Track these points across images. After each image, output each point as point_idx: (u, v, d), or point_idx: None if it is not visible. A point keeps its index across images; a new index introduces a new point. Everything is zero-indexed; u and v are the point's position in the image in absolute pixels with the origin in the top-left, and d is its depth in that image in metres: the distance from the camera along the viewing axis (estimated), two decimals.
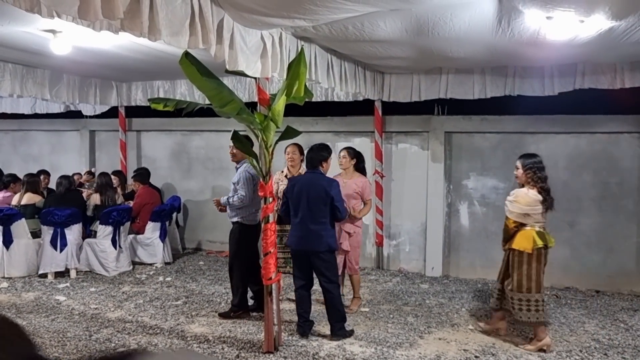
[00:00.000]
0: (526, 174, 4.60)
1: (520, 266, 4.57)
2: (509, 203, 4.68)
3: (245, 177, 5.23)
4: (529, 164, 4.59)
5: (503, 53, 5.21)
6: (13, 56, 6.11)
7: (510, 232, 4.67)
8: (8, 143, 10.55)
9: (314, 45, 5.01)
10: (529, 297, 4.53)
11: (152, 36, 3.11)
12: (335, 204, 4.63)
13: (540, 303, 4.54)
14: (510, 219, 4.64)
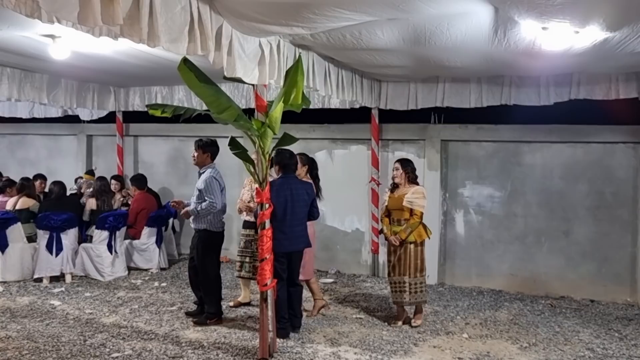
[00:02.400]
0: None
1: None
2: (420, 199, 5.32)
3: (212, 184, 5.15)
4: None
5: (499, 63, 5.26)
6: (11, 60, 6.12)
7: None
8: (5, 147, 10.54)
9: (311, 52, 5.05)
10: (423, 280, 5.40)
11: (151, 42, 3.14)
12: (314, 205, 5.07)
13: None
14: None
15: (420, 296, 5.38)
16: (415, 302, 5.40)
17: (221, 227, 5.35)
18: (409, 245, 5.27)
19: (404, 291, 5.31)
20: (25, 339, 4.81)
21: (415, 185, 5.39)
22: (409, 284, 5.30)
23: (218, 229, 5.30)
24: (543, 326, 5.55)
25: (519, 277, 6.91)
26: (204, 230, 5.24)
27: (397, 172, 5.38)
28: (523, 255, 6.92)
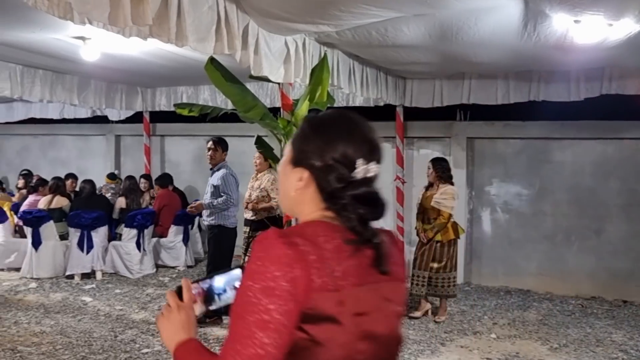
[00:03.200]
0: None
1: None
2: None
3: (230, 180, 5.27)
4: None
5: (528, 57, 5.16)
6: (43, 62, 6.27)
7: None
8: (37, 147, 10.82)
9: (336, 50, 5.04)
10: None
11: (179, 42, 3.17)
12: None
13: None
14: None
15: (448, 290, 5.47)
16: (436, 295, 5.53)
17: (234, 224, 5.38)
18: (435, 244, 5.36)
19: (423, 285, 5.44)
20: (59, 334, 4.93)
21: (447, 185, 5.41)
22: (429, 278, 5.42)
23: (231, 225, 5.35)
24: (574, 327, 5.44)
25: (548, 276, 6.79)
26: (217, 225, 5.29)
27: (429, 171, 5.50)
28: (552, 255, 6.79)
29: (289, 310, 1.05)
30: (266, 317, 1.05)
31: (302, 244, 1.09)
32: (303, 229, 1.17)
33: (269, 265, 1.06)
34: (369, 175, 1.22)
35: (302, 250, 1.08)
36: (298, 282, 1.06)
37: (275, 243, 1.08)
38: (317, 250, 1.10)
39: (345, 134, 1.22)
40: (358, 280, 1.14)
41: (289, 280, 1.05)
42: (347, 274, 1.12)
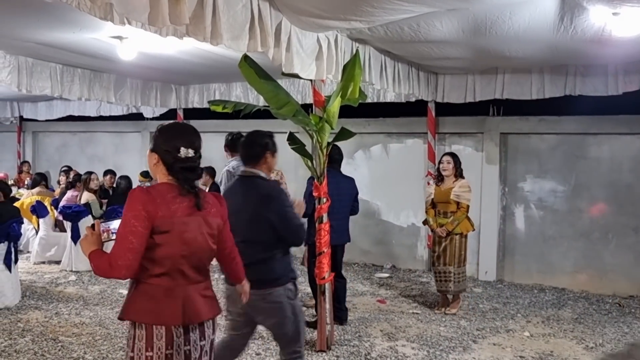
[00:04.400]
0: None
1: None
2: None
3: (226, 177, 4.95)
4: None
5: (564, 51, 5.05)
6: (82, 62, 6.47)
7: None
8: (76, 144, 11.16)
9: (368, 46, 5.04)
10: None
11: (214, 40, 3.23)
12: (356, 200, 5.16)
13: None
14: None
15: (463, 285, 5.64)
16: (458, 291, 5.62)
17: None
18: (455, 237, 5.47)
19: (450, 280, 5.51)
20: (98, 326, 5.09)
21: (461, 179, 5.53)
22: (454, 273, 5.48)
23: None
24: (610, 326, 5.32)
25: (584, 274, 6.65)
26: None
27: (449, 165, 5.54)
28: (588, 252, 6.65)
29: (146, 226, 2.10)
30: (134, 229, 2.09)
31: (153, 193, 2.18)
32: (156, 187, 2.25)
33: (136, 204, 2.12)
34: (189, 156, 2.24)
35: (153, 196, 2.16)
36: (150, 212, 2.12)
37: (139, 193, 2.17)
38: (161, 197, 2.17)
39: (175, 133, 2.30)
40: (185, 213, 2.20)
41: (146, 211, 2.11)
42: (178, 209, 2.19)
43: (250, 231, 2.99)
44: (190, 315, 2.20)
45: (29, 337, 4.75)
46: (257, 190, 3.08)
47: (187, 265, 2.20)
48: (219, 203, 2.40)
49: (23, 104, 10.75)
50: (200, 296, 2.26)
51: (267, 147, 3.15)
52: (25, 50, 5.87)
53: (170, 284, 2.18)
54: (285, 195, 3.19)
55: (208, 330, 2.31)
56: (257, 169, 3.14)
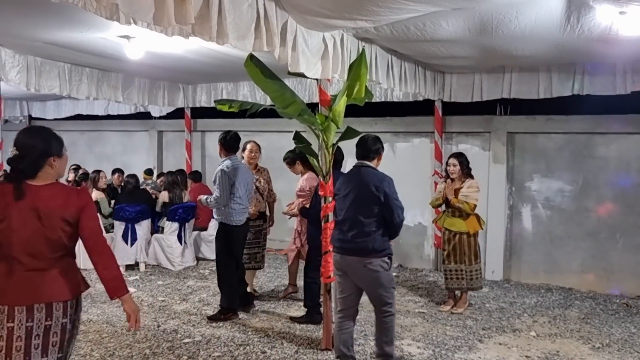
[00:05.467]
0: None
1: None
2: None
3: (220, 176, 5.02)
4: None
5: (571, 50, 5.03)
6: (90, 61, 6.52)
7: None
8: (84, 143, 11.24)
9: (374, 45, 5.04)
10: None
11: (220, 40, 3.25)
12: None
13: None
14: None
15: (477, 282, 5.64)
16: (472, 288, 5.66)
17: (238, 222, 5.17)
18: (463, 236, 5.50)
19: (462, 278, 5.56)
20: (105, 323, 5.14)
21: (470, 179, 5.54)
22: (465, 271, 5.52)
23: (234, 223, 5.13)
24: (617, 326, 5.30)
25: (591, 274, 6.61)
26: (221, 222, 5.18)
27: (455, 168, 5.53)
28: (595, 252, 6.61)
29: None
30: None
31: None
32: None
33: None
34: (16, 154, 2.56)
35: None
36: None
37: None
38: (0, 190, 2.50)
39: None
40: (9, 202, 2.47)
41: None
42: (8, 200, 2.47)
43: (363, 208, 3.81)
44: (29, 297, 2.48)
45: None
46: (373, 177, 3.89)
47: (19, 252, 2.48)
48: (70, 195, 2.60)
49: (32, 103, 10.86)
50: (46, 280, 2.53)
51: (380, 152, 4.10)
52: (34, 50, 5.92)
53: (5, 269, 2.49)
54: (393, 183, 3.93)
55: (57, 312, 2.54)
56: (372, 163, 4.03)
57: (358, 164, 4.05)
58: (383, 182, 3.86)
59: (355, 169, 4.04)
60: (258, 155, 5.90)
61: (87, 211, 2.61)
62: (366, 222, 3.80)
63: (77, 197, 2.61)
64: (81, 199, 2.62)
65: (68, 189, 2.69)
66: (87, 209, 2.61)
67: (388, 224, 3.84)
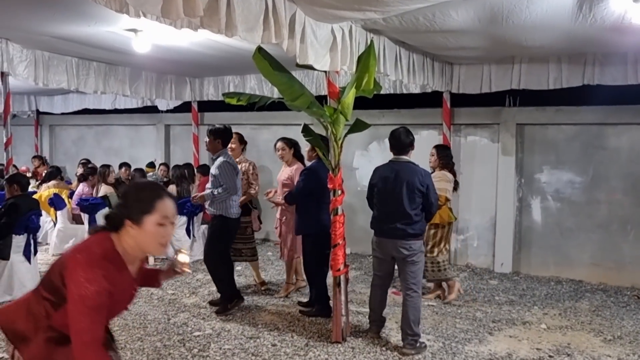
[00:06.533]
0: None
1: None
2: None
3: (226, 168, 5.11)
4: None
5: (582, 40, 4.96)
6: (97, 55, 6.52)
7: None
8: (92, 137, 11.28)
9: (382, 37, 5.00)
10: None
11: (229, 32, 3.23)
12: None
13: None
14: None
15: (437, 275, 5.60)
16: (434, 280, 5.68)
17: (237, 214, 5.27)
18: (431, 226, 5.43)
19: (432, 270, 5.57)
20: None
21: (440, 171, 5.58)
22: (434, 262, 5.56)
23: (233, 216, 5.21)
24: (629, 319, 5.26)
25: (602, 266, 6.57)
26: (220, 216, 5.17)
27: (432, 157, 5.67)
28: (606, 244, 6.56)
29: None
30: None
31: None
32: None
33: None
34: None
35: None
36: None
37: None
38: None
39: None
40: None
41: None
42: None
43: (409, 200, 4.31)
44: None
45: None
46: (417, 173, 4.36)
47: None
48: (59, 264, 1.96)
49: (40, 97, 10.90)
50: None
51: (413, 143, 4.53)
52: (42, 44, 5.93)
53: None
54: (431, 175, 4.59)
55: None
56: (406, 157, 4.47)
57: (395, 159, 4.50)
58: (426, 177, 4.40)
59: (396, 165, 4.45)
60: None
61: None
62: (412, 212, 4.32)
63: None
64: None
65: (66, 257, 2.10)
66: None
67: (426, 211, 4.42)
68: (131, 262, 2.02)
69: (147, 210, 1.92)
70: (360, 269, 7.03)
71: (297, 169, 5.54)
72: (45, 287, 2.00)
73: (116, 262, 1.95)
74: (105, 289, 1.84)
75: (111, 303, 1.90)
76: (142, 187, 2.08)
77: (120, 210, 1.97)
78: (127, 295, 2.09)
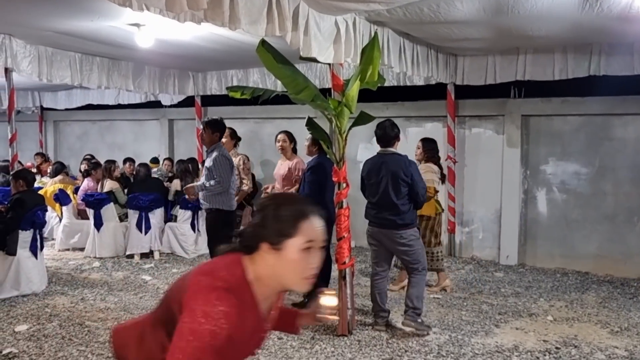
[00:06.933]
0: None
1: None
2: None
3: (221, 162, 5.07)
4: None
5: (588, 30, 4.92)
6: (100, 50, 6.51)
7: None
8: (96, 132, 11.29)
9: (386, 29, 4.97)
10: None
11: (232, 25, 3.21)
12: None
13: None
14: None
15: (436, 264, 5.64)
16: (432, 269, 5.61)
17: (233, 206, 5.28)
18: (422, 218, 5.43)
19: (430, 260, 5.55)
20: (122, 310, 5.18)
21: (425, 164, 5.58)
22: (427, 253, 5.49)
23: (230, 208, 5.23)
24: (636, 310, 5.24)
25: (608, 258, 6.54)
26: (217, 209, 5.14)
27: (418, 150, 5.70)
28: (613, 236, 6.53)
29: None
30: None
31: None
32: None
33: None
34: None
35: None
36: None
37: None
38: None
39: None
40: None
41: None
42: None
43: (395, 191, 4.41)
44: None
45: (57, 322, 4.85)
46: (402, 163, 4.44)
47: None
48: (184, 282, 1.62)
49: (43, 93, 10.90)
50: None
51: (399, 135, 4.63)
52: (45, 40, 5.92)
53: None
54: (416, 165, 4.65)
55: None
56: (393, 148, 4.57)
57: (382, 152, 4.58)
58: (410, 167, 4.46)
59: (382, 157, 4.55)
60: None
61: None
62: (399, 202, 4.42)
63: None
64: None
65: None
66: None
67: (413, 201, 4.51)
68: (265, 297, 1.60)
69: (289, 232, 1.51)
70: (365, 262, 7.02)
71: (297, 163, 5.55)
72: (162, 314, 1.64)
73: (245, 297, 1.52)
74: (224, 330, 1.42)
75: (229, 348, 1.48)
76: (282, 203, 1.59)
77: (255, 230, 1.57)
78: (253, 340, 1.66)
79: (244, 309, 1.50)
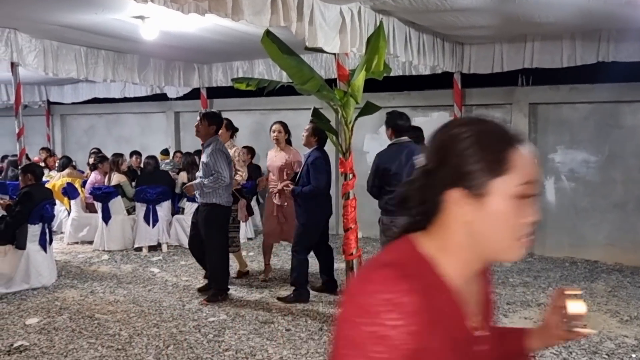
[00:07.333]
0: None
1: None
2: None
3: (217, 157, 4.98)
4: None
5: (597, 15, 4.84)
6: (105, 43, 6.50)
7: None
8: (103, 126, 11.32)
9: (391, 18, 4.92)
10: None
11: (236, 16, 3.19)
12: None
13: None
14: None
15: None
16: None
17: (230, 202, 5.21)
18: None
19: None
20: (131, 303, 5.21)
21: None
22: None
23: (228, 203, 5.16)
24: None
25: (618, 247, 6.49)
26: (214, 204, 5.05)
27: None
28: (622, 224, 6.48)
29: None
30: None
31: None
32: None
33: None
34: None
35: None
36: None
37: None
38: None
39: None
40: None
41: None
42: None
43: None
44: None
45: (67, 314, 4.89)
46: (417, 150, 4.26)
47: None
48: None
49: (50, 87, 10.93)
50: None
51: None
52: (50, 34, 5.92)
53: None
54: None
55: None
56: (406, 137, 4.51)
57: (398, 141, 4.51)
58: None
59: (402, 146, 4.46)
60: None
61: None
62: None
63: None
64: None
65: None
66: None
67: None
68: (461, 280, 1.01)
69: (497, 167, 0.96)
70: (371, 253, 7.01)
71: (294, 154, 5.55)
72: None
73: (427, 280, 0.96)
74: (400, 333, 0.87)
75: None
76: (481, 129, 1.01)
77: (433, 176, 0.99)
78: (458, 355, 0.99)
79: (430, 298, 0.92)
